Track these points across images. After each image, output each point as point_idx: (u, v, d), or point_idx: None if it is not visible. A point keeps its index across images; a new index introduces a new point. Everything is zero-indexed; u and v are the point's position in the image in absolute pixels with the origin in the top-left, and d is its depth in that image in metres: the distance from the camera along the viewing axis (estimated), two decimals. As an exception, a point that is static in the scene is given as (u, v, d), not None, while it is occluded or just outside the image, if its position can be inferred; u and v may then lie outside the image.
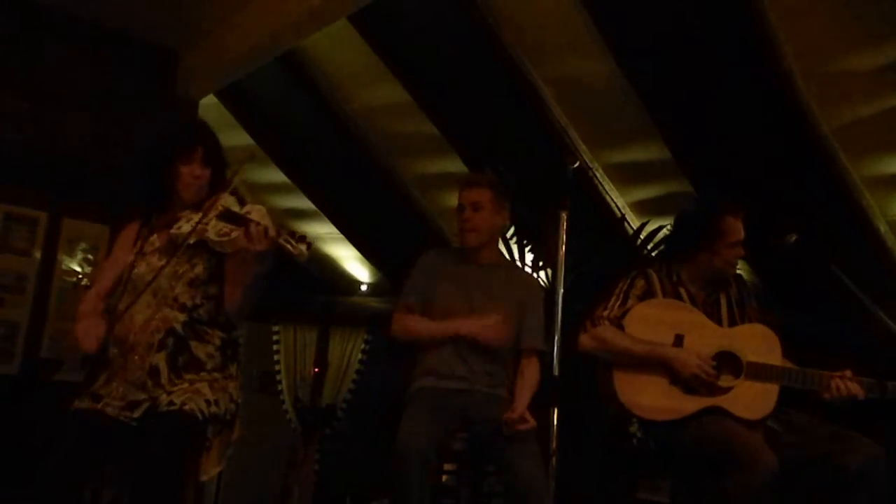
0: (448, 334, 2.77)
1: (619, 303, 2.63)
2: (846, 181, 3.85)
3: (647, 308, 2.61)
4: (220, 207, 2.24)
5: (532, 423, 2.58)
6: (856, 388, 2.42)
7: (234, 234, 2.17)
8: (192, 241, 2.23)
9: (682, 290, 2.66)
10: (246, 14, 3.98)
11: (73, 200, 4.04)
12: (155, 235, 2.39)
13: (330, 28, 3.94)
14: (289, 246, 2.10)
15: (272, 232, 2.11)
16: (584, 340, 2.61)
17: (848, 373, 2.45)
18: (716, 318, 2.63)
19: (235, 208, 2.27)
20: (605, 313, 2.61)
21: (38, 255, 3.99)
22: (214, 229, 2.20)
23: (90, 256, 4.07)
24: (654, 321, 2.58)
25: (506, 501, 2.61)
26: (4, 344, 3.88)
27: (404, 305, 2.91)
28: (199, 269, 2.33)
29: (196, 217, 2.26)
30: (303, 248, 2.10)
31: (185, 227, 2.25)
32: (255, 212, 2.25)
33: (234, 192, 2.35)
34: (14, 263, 3.94)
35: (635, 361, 2.53)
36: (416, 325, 2.84)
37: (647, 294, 2.65)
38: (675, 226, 2.78)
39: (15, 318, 3.92)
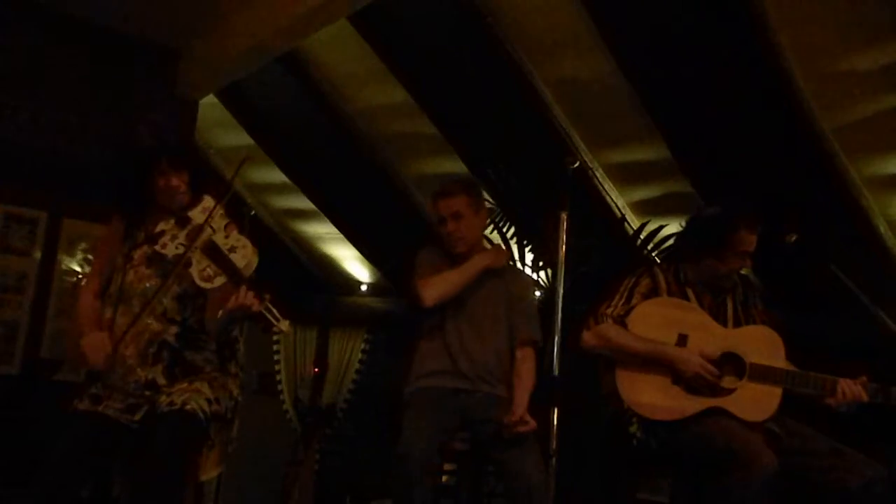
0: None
1: (623, 300, 2.62)
2: (846, 181, 3.85)
3: (651, 307, 2.60)
4: (206, 231, 2.22)
5: (532, 424, 2.57)
6: (859, 391, 2.40)
7: (217, 282, 2.14)
8: (178, 268, 2.22)
9: (689, 290, 2.65)
10: (246, 14, 3.98)
11: (73, 200, 4.03)
12: (145, 246, 2.37)
13: (330, 28, 3.94)
14: (271, 318, 2.09)
15: (255, 307, 2.08)
16: (587, 337, 2.60)
17: (864, 379, 2.42)
18: (721, 320, 2.62)
19: (220, 236, 2.22)
20: (609, 311, 2.60)
21: (38, 255, 3.99)
22: (198, 267, 2.17)
23: (90, 256, 4.07)
24: (658, 320, 2.57)
25: (507, 502, 2.61)
26: (4, 344, 3.88)
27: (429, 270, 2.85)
28: (186, 284, 2.31)
29: (180, 235, 2.23)
30: (284, 325, 2.09)
31: (170, 247, 2.22)
32: (241, 250, 2.20)
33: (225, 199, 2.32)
34: (14, 263, 3.94)
35: (638, 360, 2.52)
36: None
37: (653, 293, 2.64)
38: (688, 225, 2.75)
39: (15, 318, 3.92)
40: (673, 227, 4.24)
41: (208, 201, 2.30)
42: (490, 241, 4.57)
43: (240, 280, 2.12)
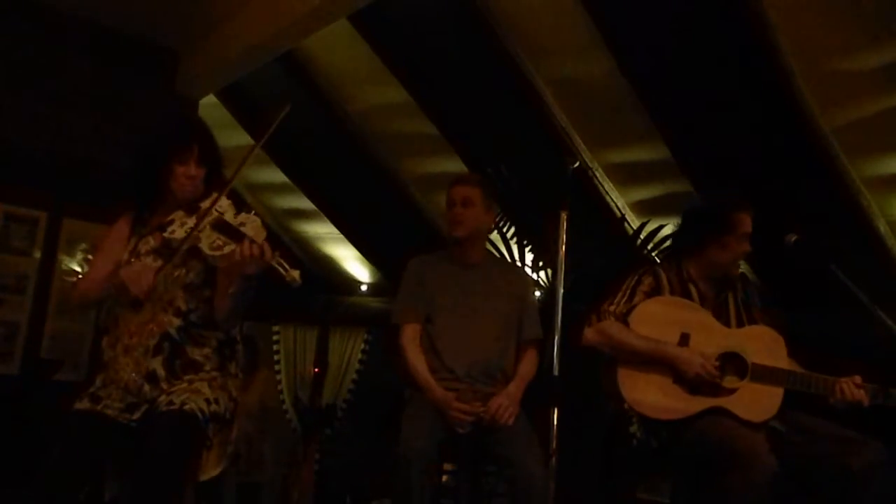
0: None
1: (625, 298, 2.62)
2: (846, 181, 3.86)
3: (653, 305, 2.60)
4: (214, 214, 2.22)
5: (508, 416, 2.63)
6: (860, 394, 2.41)
7: (226, 249, 2.13)
8: (185, 247, 2.22)
9: (692, 288, 2.65)
10: (246, 14, 3.98)
11: (74, 200, 4.04)
12: (150, 237, 2.37)
13: (330, 28, 3.94)
14: (281, 270, 2.08)
15: (267, 255, 2.08)
16: (589, 334, 2.60)
17: (857, 378, 2.43)
18: (724, 318, 2.62)
19: (230, 215, 2.22)
20: (612, 308, 2.60)
21: (38, 255, 3.99)
22: (208, 240, 2.16)
23: (90, 256, 4.07)
24: (660, 319, 2.57)
25: (508, 497, 2.62)
26: (4, 344, 3.88)
27: (410, 314, 2.87)
28: (193, 274, 2.31)
29: (190, 221, 2.22)
30: (295, 274, 2.07)
31: (179, 233, 2.21)
32: (250, 223, 2.20)
33: (230, 195, 2.33)
34: (14, 263, 3.94)
35: (639, 358, 2.52)
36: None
37: (655, 291, 2.63)
38: (684, 220, 2.76)
39: (15, 318, 3.92)
40: (673, 227, 4.24)
41: (218, 199, 2.31)
42: (494, 244, 4.60)
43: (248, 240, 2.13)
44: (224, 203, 2.26)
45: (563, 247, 2.33)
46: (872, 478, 2.24)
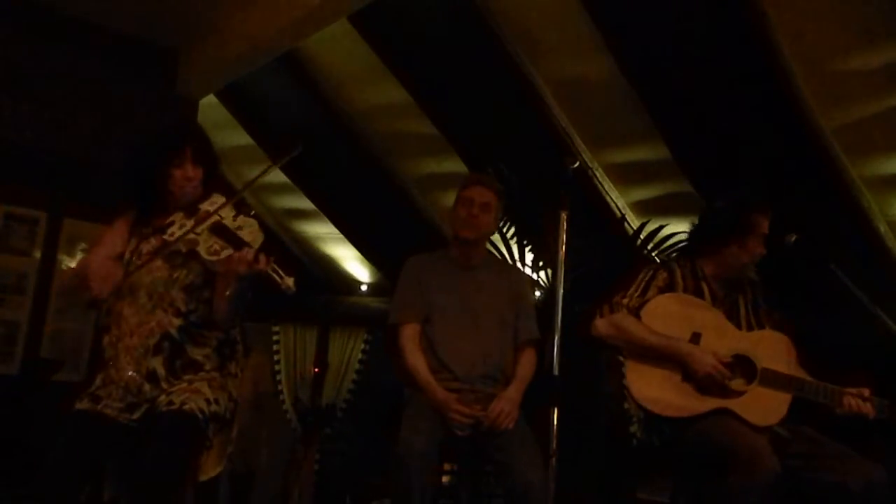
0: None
1: (638, 292, 2.61)
2: (846, 181, 3.85)
3: (666, 301, 2.59)
4: (215, 218, 2.23)
5: (508, 421, 2.62)
6: (867, 408, 2.40)
7: (223, 254, 2.15)
8: (183, 249, 2.23)
9: (705, 287, 2.64)
10: (246, 14, 3.99)
11: (74, 200, 4.04)
12: (152, 237, 2.38)
13: (330, 28, 3.95)
14: (276, 277, 2.10)
15: (261, 263, 2.10)
16: (601, 325, 2.59)
17: (865, 391, 2.42)
18: (735, 319, 2.61)
19: (229, 219, 2.24)
20: (625, 301, 2.59)
21: (38, 255, 4.00)
22: (206, 244, 2.17)
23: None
24: (672, 316, 2.56)
25: (506, 502, 2.62)
26: (4, 344, 3.88)
27: (409, 314, 2.86)
28: (193, 275, 2.32)
29: (189, 224, 2.24)
30: (290, 282, 2.09)
31: (178, 234, 2.23)
32: (248, 228, 2.22)
33: (230, 196, 2.34)
34: (14, 263, 3.95)
35: (650, 354, 2.51)
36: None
37: (669, 287, 2.62)
38: (702, 219, 2.76)
39: (15, 318, 3.92)
40: (673, 227, 4.25)
41: (217, 197, 2.32)
42: (494, 244, 4.60)
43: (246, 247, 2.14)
44: (224, 209, 2.27)
45: (563, 247, 2.33)
46: (871, 499, 2.23)
